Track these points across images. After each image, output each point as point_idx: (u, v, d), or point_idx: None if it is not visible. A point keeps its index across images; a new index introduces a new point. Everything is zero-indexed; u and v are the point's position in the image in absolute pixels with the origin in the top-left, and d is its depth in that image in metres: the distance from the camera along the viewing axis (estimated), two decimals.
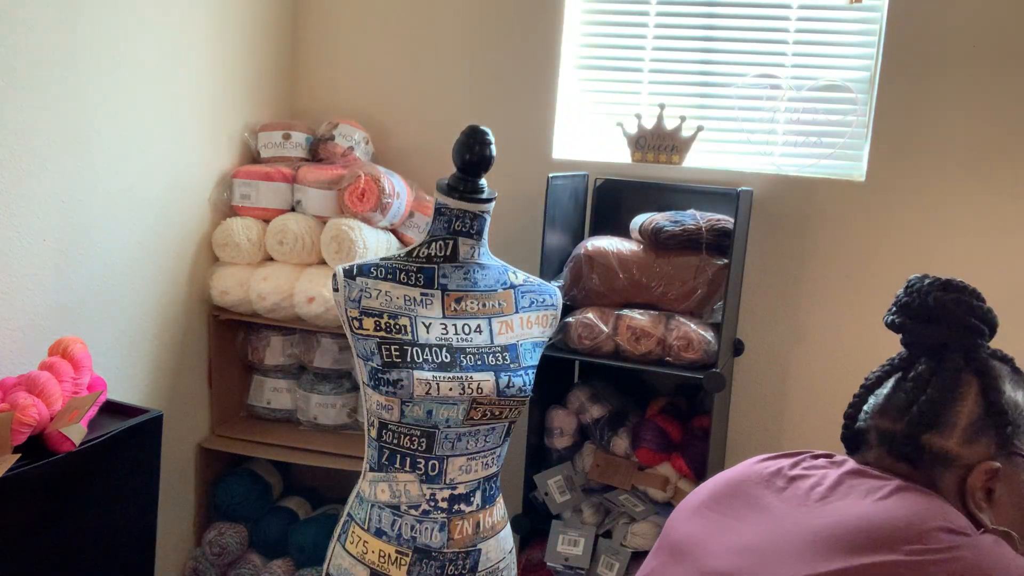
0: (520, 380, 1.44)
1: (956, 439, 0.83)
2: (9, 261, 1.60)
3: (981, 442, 0.82)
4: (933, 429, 0.83)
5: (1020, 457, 0.83)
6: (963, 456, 0.82)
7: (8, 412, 1.37)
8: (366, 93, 2.50)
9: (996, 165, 2.11)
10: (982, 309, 0.87)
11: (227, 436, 2.29)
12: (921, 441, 0.83)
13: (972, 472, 0.81)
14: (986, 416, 0.83)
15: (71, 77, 1.70)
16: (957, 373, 0.84)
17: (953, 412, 0.83)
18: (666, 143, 2.20)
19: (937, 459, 0.83)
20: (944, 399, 0.83)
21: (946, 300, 0.86)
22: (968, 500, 0.81)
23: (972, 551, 0.73)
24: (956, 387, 0.84)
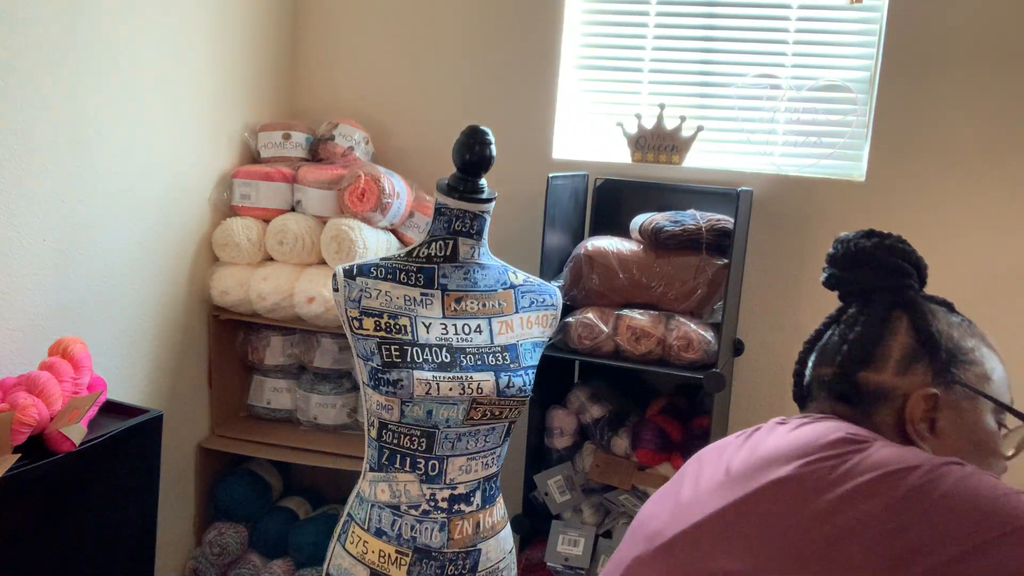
0: (520, 380, 1.44)
1: (890, 371, 0.82)
2: (9, 261, 1.60)
3: (916, 371, 0.81)
4: (866, 366, 0.83)
5: (960, 386, 0.81)
6: (899, 387, 0.81)
7: (8, 412, 1.37)
8: (366, 93, 2.50)
9: (996, 165, 2.11)
10: (905, 251, 0.86)
11: (227, 436, 2.29)
12: (856, 379, 0.83)
13: (909, 400, 0.80)
14: (919, 346, 0.82)
15: (71, 77, 1.70)
16: (886, 310, 0.84)
17: (884, 346, 0.83)
18: (666, 143, 2.20)
19: (874, 396, 0.82)
20: (874, 335, 0.83)
21: (868, 245, 0.86)
22: (908, 431, 0.80)
23: (865, 455, 0.72)
24: (886, 322, 0.84)
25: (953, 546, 0.65)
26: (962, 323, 0.85)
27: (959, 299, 0.86)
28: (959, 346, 0.82)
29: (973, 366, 0.82)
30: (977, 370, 0.82)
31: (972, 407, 0.81)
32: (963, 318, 0.86)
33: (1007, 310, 2.11)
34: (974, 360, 0.82)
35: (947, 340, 0.82)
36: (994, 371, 0.83)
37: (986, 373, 0.82)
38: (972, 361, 0.82)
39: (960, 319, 0.86)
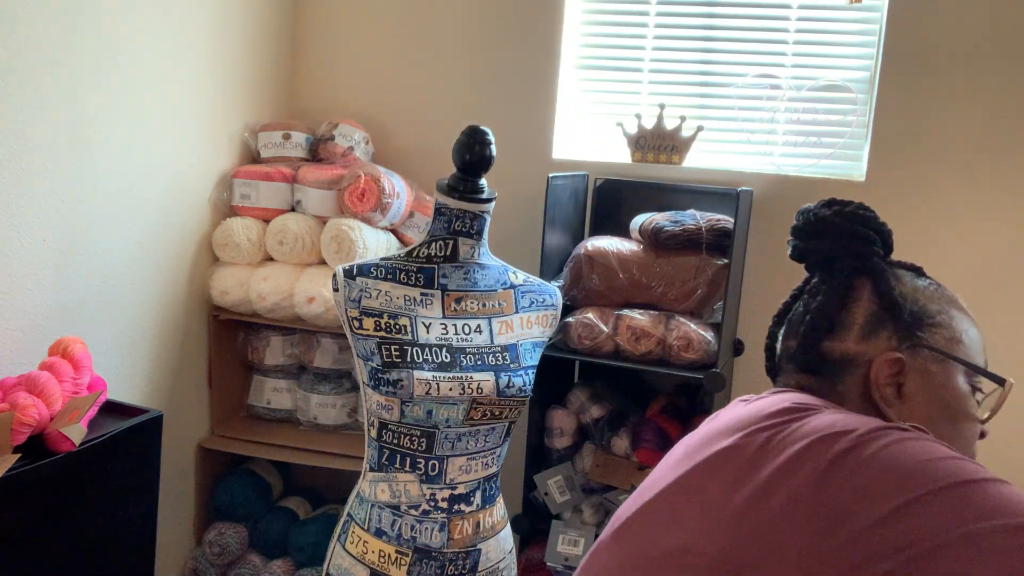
0: (520, 380, 1.44)
1: (853, 338, 0.80)
2: (9, 261, 1.60)
3: (880, 336, 0.79)
4: (829, 334, 0.81)
5: (927, 349, 0.78)
6: (864, 353, 0.79)
7: (8, 412, 1.37)
8: (366, 93, 2.50)
9: (996, 165, 2.11)
10: (866, 217, 0.85)
11: (227, 436, 2.29)
12: (820, 349, 0.81)
13: (873, 365, 0.77)
14: (881, 311, 0.80)
15: (71, 77, 1.70)
16: (848, 276, 0.82)
17: (847, 313, 0.81)
18: (666, 143, 2.20)
19: (840, 364, 0.80)
20: (835, 302, 0.81)
21: (828, 214, 0.86)
22: (874, 397, 0.77)
23: (803, 423, 0.69)
24: (848, 289, 0.82)
25: (874, 509, 0.60)
26: (929, 286, 0.83)
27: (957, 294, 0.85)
28: (925, 309, 0.80)
29: (941, 329, 0.79)
30: (946, 333, 0.79)
31: (941, 370, 0.78)
32: (931, 281, 0.84)
33: (1007, 310, 2.11)
34: (942, 323, 0.80)
35: (912, 303, 0.80)
36: (965, 333, 0.80)
37: (955, 335, 0.80)
38: (940, 324, 0.80)
39: (928, 283, 0.83)
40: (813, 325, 0.82)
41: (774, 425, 0.71)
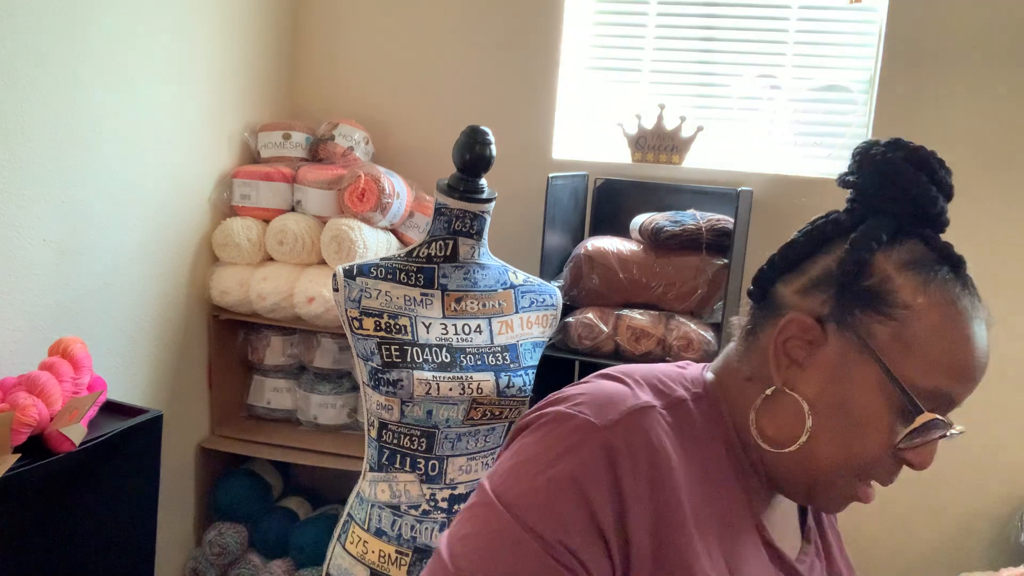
0: (520, 380, 1.44)
1: (795, 287, 0.71)
2: (9, 261, 1.60)
3: (817, 297, 0.69)
4: (784, 273, 0.73)
5: (854, 334, 0.66)
6: (791, 305, 0.70)
7: (8, 412, 1.37)
8: (366, 93, 2.50)
9: (996, 165, 2.11)
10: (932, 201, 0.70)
11: (227, 436, 2.29)
12: (772, 286, 0.74)
13: (784, 317, 0.69)
14: (836, 272, 0.69)
15: (71, 77, 1.70)
16: (844, 228, 0.71)
17: (812, 261, 0.71)
18: (666, 143, 2.20)
19: (771, 307, 0.73)
20: (808, 246, 0.72)
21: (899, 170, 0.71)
22: (768, 350, 0.70)
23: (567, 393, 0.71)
24: (829, 240, 0.72)
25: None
26: (936, 282, 0.67)
27: None
28: (892, 295, 0.66)
29: (893, 323, 0.65)
30: (895, 330, 0.65)
31: (860, 363, 0.66)
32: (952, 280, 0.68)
33: (1007, 310, 2.11)
34: (900, 318, 0.65)
35: (877, 282, 0.67)
36: (928, 344, 0.65)
37: (907, 340, 0.65)
38: (895, 318, 0.65)
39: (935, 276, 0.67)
40: (774, 259, 0.74)
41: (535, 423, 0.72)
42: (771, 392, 0.70)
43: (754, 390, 0.72)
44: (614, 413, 0.67)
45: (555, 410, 0.68)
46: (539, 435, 0.68)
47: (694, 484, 0.68)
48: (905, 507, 2.26)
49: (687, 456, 0.69)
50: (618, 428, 0.66)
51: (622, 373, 0.74)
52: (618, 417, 0.67)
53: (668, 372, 0.76)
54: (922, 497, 2.25)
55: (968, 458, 2.19)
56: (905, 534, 2.29)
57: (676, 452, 0.68)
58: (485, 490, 0.67)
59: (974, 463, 2.20)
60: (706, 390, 0.75)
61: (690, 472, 0.68)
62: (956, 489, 2.23)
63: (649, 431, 0.67)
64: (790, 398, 0.69)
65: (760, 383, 0.72)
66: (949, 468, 2.21)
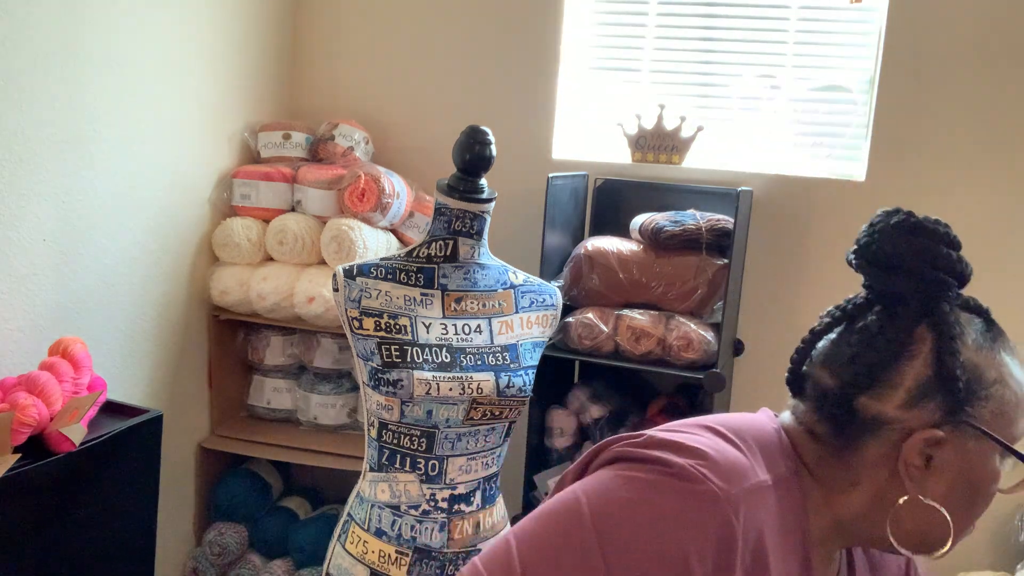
0: (520, 380, 1.44)
1: (896, 402, 0.71)
2: (9, 261, 1.60)
3: (927, 407, 0.70)
4: (870, 390, 0.72)
5: (970, 427, 0.70)
6: (902, 421, 0.71)
7: (8, 412, 1.37)
8: (366, 93, 2.50)
9: (996, 165, 2.11)
10: (950, 259, 0.73)
11: (227, 436, 2.29)
12: (855, 404, 0.72)
13: (910, 438, 0.70)
14: (936, 379, 0.70)
15: (71, 77, 1.70)
16: (910, 328, 0.72)
17: (897, 372, 0.71)
18: (666, 143, 2.20)
19: (869, 425, 0.72)
20: (889, 357, 0.72)
21: (907, 249, 0.73)
22: (900, 468, 0.71)
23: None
24: (906, 344, 0.72)
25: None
26: (990, 346, 0.73)
27: None
28: (981, 379, 0.71)
29: (990, 402, 0.71)
30: (994, 407, 0.71)
31: (978, 447, 0.71)
32: (993, 333, 0.75)
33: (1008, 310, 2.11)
34: (992, 395, 0.71)
35: (970, 373, 0.71)
36: (1010, 403, 0.72)
37: (1003, 409, 0.71)
38: (990, 396, 0.71)
39: (988, 339, 0.74)
40: (856, 377, 0.73)
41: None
42: (903, 502, 0.72)
43: (863, 492, 0.74)
44: (738, 489, 0.67)
45: (678, 463, 0.67)
46: (659, 482, 0.67)
47: (784, 564, 0.70)
48: None
49: (780, 532, 0.70)
50: (740, 507, 0.66)
51: (733, 431, 0.74)
52: (742, 495, 0.67)
53: (771, 437, 0.76)
54: None
55: None
56: None
57: (774, 530, 0.69)
58: (578, 500, 0.67)
59: None
60: (798, 469, 0.76)
61: (781, 550, 0.70)
62: None
63: (761, 515, 0.68)
64: (924, 503, 0.71)
65: (870, 486, 0.73)
66: None
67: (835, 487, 0.75)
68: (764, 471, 0.71)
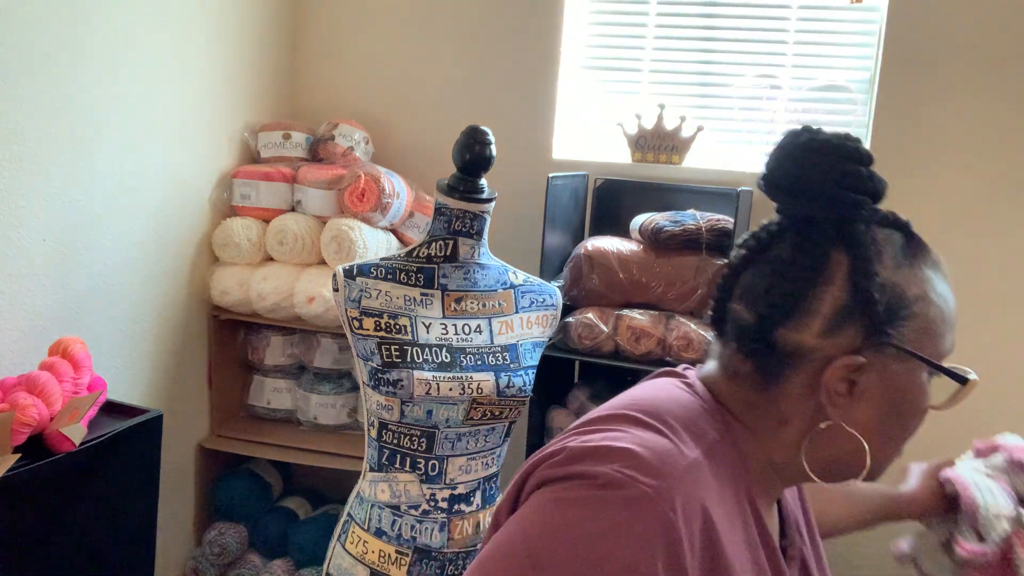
0: (520, 380, 1.44)
1: (815, 331, 0.68)
2: (9, 261, 1.60)
3: (846, 332, 0.68)
4: (787, 321, 0.69)
5: (894, 348, 0.67)
6: (821, 349, 0.68)
7: (8, 412, 1.37)
8: (366, 93, 2.50)
9: (996, 165, 2.11)
10: (859, 175, 0.69)
11: (227, 436, 2.29)
12: (774, 337, 0.70)
13: (830, 366, 0.67)
14: (854, 302, 0.68)
15: (71, 77, 1.70)
16: (823, 252, 0.69)
17: (814, 299, 0.68)
18: (666, 143, 2.20)
19: (789, 357, 0.69)
20: (804, 285, 0.69)
21: (812, 169, 0.69)
22: (821, 398, 0.68)
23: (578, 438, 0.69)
24: (820, 270, 0.69)
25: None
26: (910, 262, 0.70)
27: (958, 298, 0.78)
28: (903, 299, 0.68)
29: (914, 320, 0.68)
30: (918, 324, 0.69)
31: (904, 368, 0.69)
32: (913, 248, 0.72)
33: (1007, 310, 2.11)
34: (916, 313, 0.69)
35: (890, 293, 0.68)
36: (936, 319, 0.69)
37: (928, 326, 0.69)
38: (913, 315, 0.68)
39: (908, 255, 0.71)
40: (771, 309, 0.70)
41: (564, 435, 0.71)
42: (825, 427, 0.70)
43: (793, 430, 0.71)
44: (669, 480, 0.63)
45: (602, 472, 0.63)
46: (586, 499, 0.63)
47: (734, 531, 0.68)
48: None
49: (725, 501, 0.68)
50: (676, 499, 0.63)
51: (651, 415, 0.70)
52: (674, 484, 0.63)
53: (692, 407, 0.73)
54: None
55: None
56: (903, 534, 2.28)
57: (718, 501, 0.67)
58: (511, 539, 0.64)
59: None
60: (727, 425, 0.73)
61: (728, 518, 0.68)
62: None
63: (700, 492, 0.65)
64: (844, 429, 0.69)
65: (799, 422, 0.71)
66: None
67: (766, 430, 0.72)
68: (692, 447, 0.68)
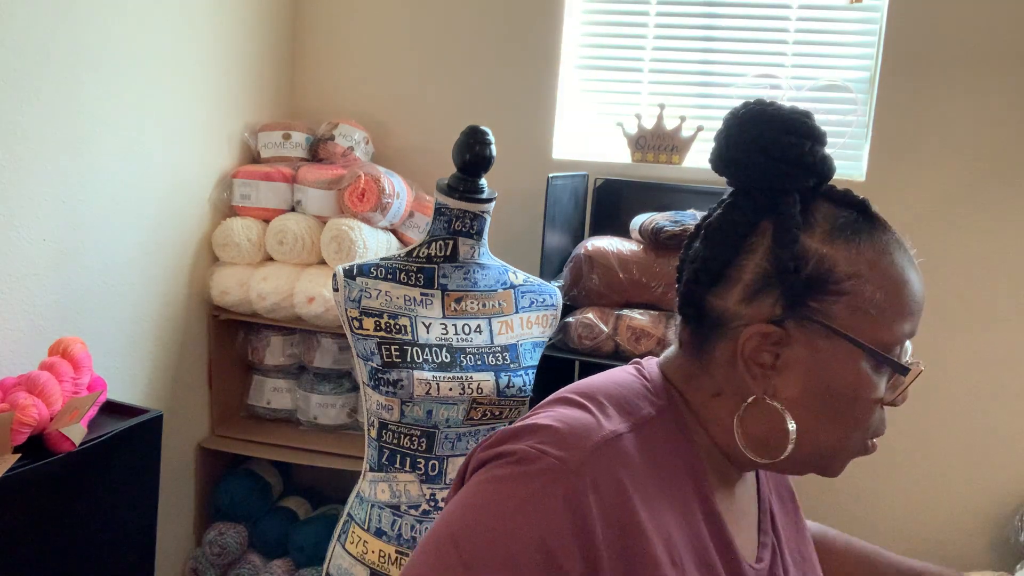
0: (520, 380, 1.44)
1: (735, 297, 0.68)
2: (9, 261, 1.60)
3: (764, 301, 0.67)
4: (715, 287, 0.70)
5: (817, 323, 0.66)
6: (741, 317, 0.68)
7: (8, 412, 1.37)
8: (366, 93, 2.50)
9: (996, 165, 2.11)
10: (795, 147, 0.68)
11: (227, 436, 2.29)
12: (704, 303, 0.70)
13: (744, 331, 0.67)
14: (772, 269, 0.67)
15: (71, 77, 1.70)
16: (750, 221, 0.69)
17: (737, 267, 0.69)
18: (666, 143, 2.20)
19: (715, 323, 0.70)
20: (729, 251, 0.69)
21: (746, 139, 0.70)
22: (739, 368, 0.68)
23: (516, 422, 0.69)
24: (745, 237, 0.69)
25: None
26: (852, 238, 0.68)
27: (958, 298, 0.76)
28: (832, 272, 0.66)
29: (845, 297, 0.66)
30: (850, 302, 0.66)
31: (830, 347, 0.66)
32: (864, 227, 0.69)
33: (1008, 310, 2.11)
34: (848, 290, 0.66)
35: (816, 263, 0.66)
36: (876, 301, 0.66)
37: (863, 305, 0.66)
38: (844, 291, 0.66)
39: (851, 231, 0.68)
40: (696, 275, 0.71)
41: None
42: (751, 401, 0.69)
43: (727, 404, 0.71)
44: (580, 451, 0.64)
45: (519, 448, 0.65)
46: (503, 475, 0.64)
47: (665, 508, 0.66)
48: (903, 508, 2.26)
49: (658, 477, 0.67)
50: (585, 469, 0.63)
51: (584, 395, 0.71)
52: (585, 456, 0.64)
53: (632, 385, 0.73)
54: (920, 497, 2.25)
55: (967, 458, 2.20)
56: (903, 535, 2.29)
57: (645, 476, 0.66)
58: (442, 520, 0.65)
59: (973, 463, 2.20)
60: (669, 401, 0.73)
61: (661, 494, 0.67)
62: (955, 489, 2.23)
63: (617, 466, 0.65)
64: (770, 404, 0.68)
65: (732, 396, 0.70)
66: (948, 468, 2.21)
67: (704, 404, 0.72)
68: (618, 422, 0.68)
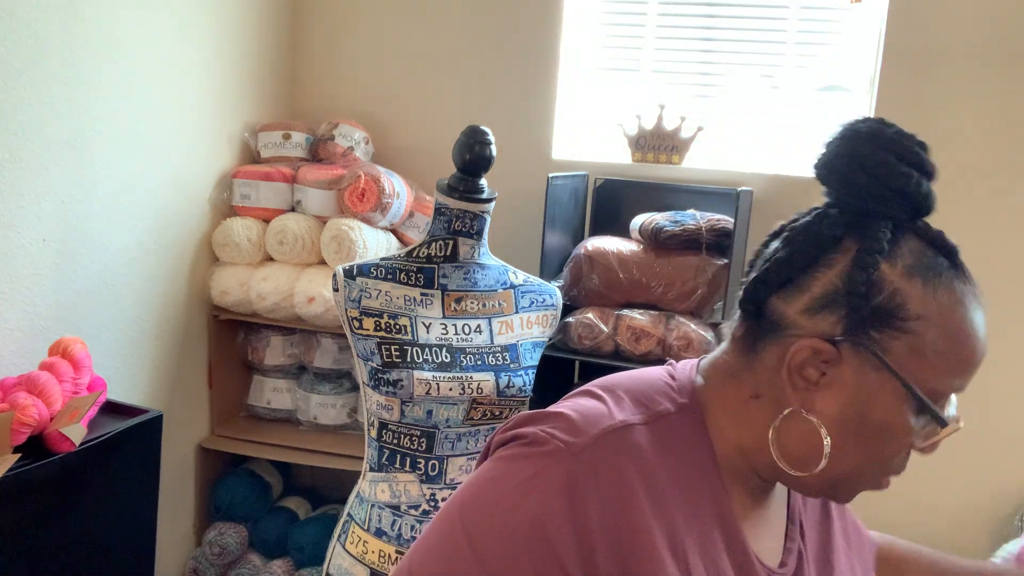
0: (520, 380, 1.44)
1: (800, 306, 0.67)
2: (9, 261, 1.60)
3: (827, 319, 0.66)
4: (780, 289, 0.69)
5: (871, 353, 0.65)
6: (799, 327, 0.67)
7: (8, 412, 1.37)
8: (366, 93, 2.50)
9: (996, 164, 2.11)
10: (899, 174, 0.67)
11: (227, 436, 2.29)
12: (766, 303, 0.69)
13: (798, 342, 0.66)
14: (843, 291, 0.65)
15: (71, 77, 1.70)
16: (835, 236, 0.68)
17: (810, 277, 0.67)
18: (666, 143, 2.20)
19: (771, 325, 0.69)
20: (805, 259, 0.68)
21: (853, 154, 0.70)
22: (783, 376, 0.67)
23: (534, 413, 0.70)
24: (826, 251, 0.68)
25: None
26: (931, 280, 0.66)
27: None
28: (902, 308, 0.64)
29: (907, 336, 0.64)
30: (910, 342, 0.64)
31: (877, 381, 0.65)
32: (947, 272, 0.67)
33: (1007, 309, 2.11)
34: (912, 330, 0.64)
35: (887, 296, 0.65)
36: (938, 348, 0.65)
37: (922, 350, 0.65)
38: (908, 331, 0.64)
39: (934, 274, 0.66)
40: (767, 275, 0.70)
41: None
42: (788, 413, 0.68)
43: (763, 409, 0.70)
44: (585, 437, 0.65)
45: (531, 431, 0.67)
46: (513, 454, 0.67)
47: (673, 502, 0.66)
48: (903, 507, 2.26)
49: (670, 472, 0.67)
50: (586, 455, 0.64)
51: (604, 388, 0.72)
52: (589, 442, 0.65)
53: (655, 382, 0.74)
54: (920, 497, 2.25)
55: (967, 458, 2.20)
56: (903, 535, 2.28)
57: (654, 468, 0.66)
58: (452, 499, 0.67)
59: (973, 463, 2.20)
60: (694, 400, 0.72)
61: (671, 488, 0.67)
62: (955, 489, 2.23)
63: (621, 454, 0.65)
64: (806, 418, 0.67)
65: (770, 401, 0.69)
66: (948, 468, 2.21)
67: (739, 404, 0.71)
68: (631, 413, 0.69)
